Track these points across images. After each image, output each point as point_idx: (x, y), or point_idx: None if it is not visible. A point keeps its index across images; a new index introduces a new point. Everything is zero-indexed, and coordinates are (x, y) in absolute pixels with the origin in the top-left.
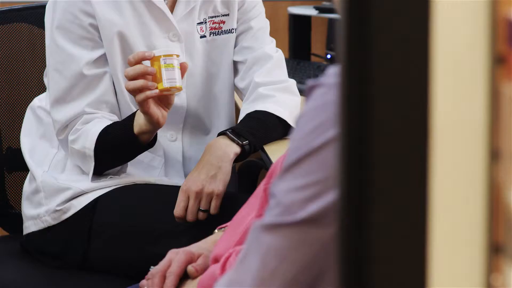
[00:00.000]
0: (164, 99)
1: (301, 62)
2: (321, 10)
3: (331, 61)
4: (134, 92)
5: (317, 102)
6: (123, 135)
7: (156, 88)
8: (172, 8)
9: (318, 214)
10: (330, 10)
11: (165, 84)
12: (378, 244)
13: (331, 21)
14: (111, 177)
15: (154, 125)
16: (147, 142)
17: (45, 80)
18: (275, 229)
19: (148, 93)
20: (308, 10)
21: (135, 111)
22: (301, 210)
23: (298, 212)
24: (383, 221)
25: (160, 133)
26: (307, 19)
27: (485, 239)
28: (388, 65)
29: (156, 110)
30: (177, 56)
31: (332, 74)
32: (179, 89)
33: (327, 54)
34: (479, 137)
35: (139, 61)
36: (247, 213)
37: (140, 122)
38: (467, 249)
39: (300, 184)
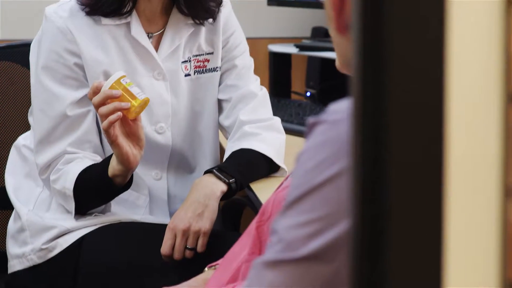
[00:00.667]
0: (132, 133)
1: (281, 100)
2: (302, 48)
3: (311, 99)
4: (105, 117)
5: (318, 139)
6: (98, 177)
7: (132, 105)
8: (156, 47)
9: (320, 251)
10: (311, 48)
11: (139, 98)
12: (390, 281)
13: (310, 59)
14: (96, 215)
15: (125, 164)
16: (122, 184)
17: (30, 119)
18: (277, 266)
19: (111, 117)
20: (288, 48)
21: (111, 154)
22: (303, 247)
23: (300, 249)
24: (396, 258)
25: (144, 171)
26: (287, 57)
27: (500, 277)
28: (403, 102)
29: (124, 142)
30: (125, 76)
31: (333, 111)
32: (148, 100)
33: (306, 92)
34: (493, 175)
35: (96, 92)
36: (239, 250)
37: (113, 164)
38: (482, 286)
39: (302, 220)
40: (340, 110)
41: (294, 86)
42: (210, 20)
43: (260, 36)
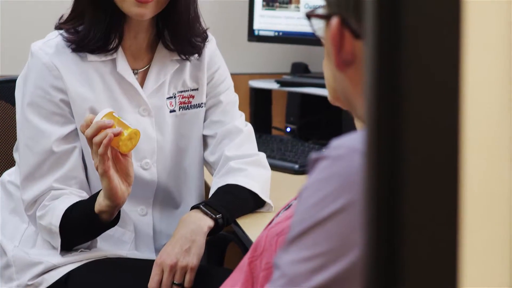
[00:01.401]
0: (123, 169)
1: (262, 135)
2: (282, 83)
3: (291, 134)
4: (98, 146)
5: (321, 175)
6: (84, 213)
7: (122, 134)
8: (142, 83)
9: (323, 286)
10: (292, 84)
11: (130, 127)
12: None
13: (290, 95)
14: (82, 251)
15: (113, 199)
16: (108, 221)
17: (15, 155)
18: None
19: (105, 141)
20: (269, 84)
21: (99, 191)
22: (306, 282)
23: (302, 284)
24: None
25: (130, 207)
26: (267, 92)
27: None
28: (418, 139)
29: (115, 175)
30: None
31: (335, 147)
32: (139, 134)
33: (286, 127)
34: (507, 215)
35: (90, 125)
36: (230, 287)
37: (100, 200)
38: None
39: (305, 255)
40: (342, 146)
41: (274, 121)
42: (196, 55)
43: (241, 72)
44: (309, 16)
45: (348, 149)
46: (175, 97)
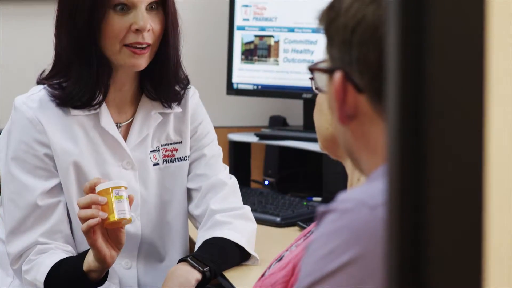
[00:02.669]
0: (114, 236)
1: (242, 188)
2: (262, 137)
3: (270, 187)
4: (84, 221)
5: (329, 228)
6: (72, 271)
7: (108, 218)
8: (125, 136)
9: None
10: (271, 137)
11: (116, 215)
12: None
13: (268, 148)
14: None
15: (102, 263)
16: (97, 280)
17: None
18: None
19: (90, 221)
20: (248, 137)
21: (88, 249)
22: None
23: None
24: None
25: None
26: (246, 145)
27: None
28: (441, 189)
29: (103, 246)
30: (125, 188)
31: (342, 200)
32: (129, 221)
33: (264, 180)
34: None
35: (93, 188)
36: None
37: (89, 260)
38: None
39: None
40: (350, 199)
41: (252, 174)
42: (178, 108)
43: (219, 125)
44: (311, 70)
45: (356, 202)
46: (158, 150)
